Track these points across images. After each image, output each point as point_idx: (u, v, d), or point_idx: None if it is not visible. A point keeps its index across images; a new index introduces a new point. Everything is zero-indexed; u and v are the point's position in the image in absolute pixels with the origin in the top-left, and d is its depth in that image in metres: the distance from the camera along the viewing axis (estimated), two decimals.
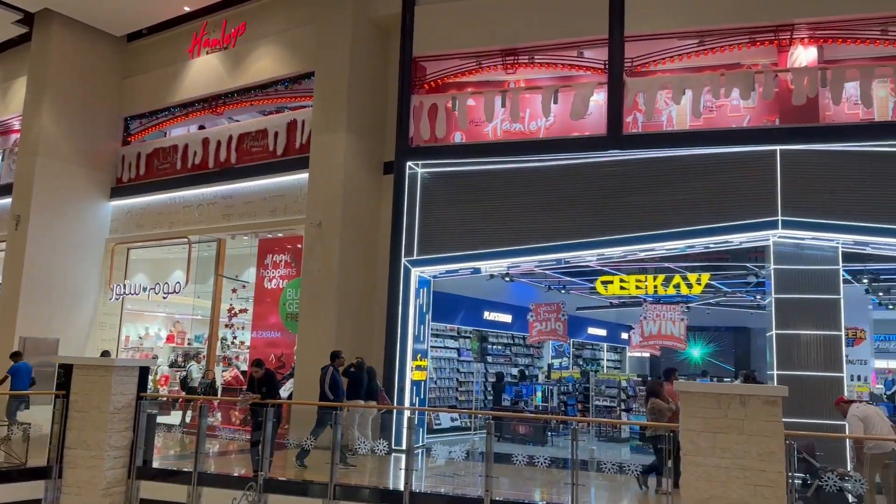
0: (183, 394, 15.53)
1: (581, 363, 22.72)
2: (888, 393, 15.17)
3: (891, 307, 18.87)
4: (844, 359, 11.61)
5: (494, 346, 19.19)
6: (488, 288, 17.61)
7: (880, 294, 17.72)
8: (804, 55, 12.18)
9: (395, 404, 12.73)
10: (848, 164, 11.46)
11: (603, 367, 23.51)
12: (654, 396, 10.37)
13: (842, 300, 11.51)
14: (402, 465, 8.91)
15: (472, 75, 13.88)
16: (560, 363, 21.20)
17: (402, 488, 8.72)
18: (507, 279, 17.60)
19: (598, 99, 12.92)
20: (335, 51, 14.19)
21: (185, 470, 9.69)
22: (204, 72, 16.98)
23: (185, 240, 16.88)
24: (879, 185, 11.29)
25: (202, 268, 17.12)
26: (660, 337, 14.88)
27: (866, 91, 11.35)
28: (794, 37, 11.99)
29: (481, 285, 17.05)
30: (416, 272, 13.50)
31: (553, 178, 12.94)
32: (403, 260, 13.35)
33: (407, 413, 11.66)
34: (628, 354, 24.41)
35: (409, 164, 13.61)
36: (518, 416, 14.71)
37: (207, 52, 17.03)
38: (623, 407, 16.17)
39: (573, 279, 18.97)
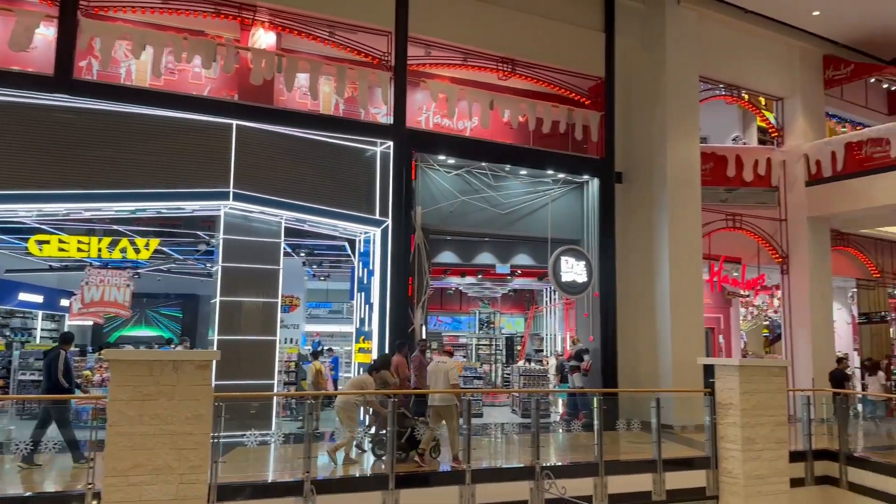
0: None
1: (8, 334, 19.69)
2: (314, 350, 17.36)
3: (322, 278, 21.76)
4: (279, 324, 12.83)
5: None
6: None
7: (314, 266, 20.25)
8: (265, 38, 12.90)
9: None
10: (296, 148, 12.62)
11: (37, 338, 20.84)
12: (384, 369, 10.49)
13: (281, 271, 12.68)
14: None
15: None
16: None
17: None
18: None
19: (48, 33, 11.28)
20: None
21: None
22: None
23: None
24: (320, 170, 12.78)
25: None
26: (102, 304, 13.89)
27: (314, 84, 12.65)
28: (256, 18, 12.56)
29: None
30: None
31: None
32: None
33: None
34: (68, 322, 22.14)
35: None
36: None
37: None
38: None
39: (2, 237, 16.22)
